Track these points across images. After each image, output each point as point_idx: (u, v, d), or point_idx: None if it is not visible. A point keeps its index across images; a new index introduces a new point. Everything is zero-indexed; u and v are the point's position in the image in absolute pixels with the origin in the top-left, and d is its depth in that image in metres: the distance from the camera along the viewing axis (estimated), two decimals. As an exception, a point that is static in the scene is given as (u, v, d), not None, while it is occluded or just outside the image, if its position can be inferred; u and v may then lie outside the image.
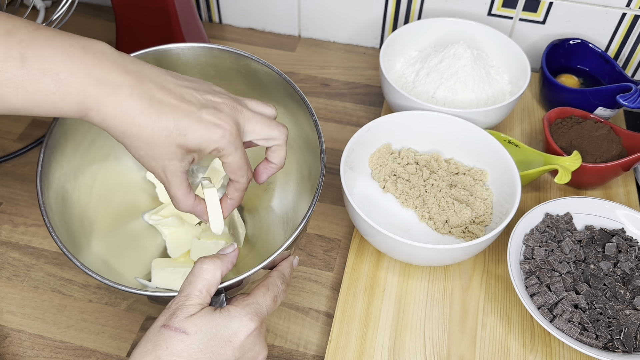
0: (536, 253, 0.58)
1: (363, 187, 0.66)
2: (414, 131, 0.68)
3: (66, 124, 0.52)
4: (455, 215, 0.62)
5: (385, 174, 0.66)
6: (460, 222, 0.62)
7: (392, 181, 0.66)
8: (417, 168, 0.66)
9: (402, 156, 0.67)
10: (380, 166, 0.67)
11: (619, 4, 0.77)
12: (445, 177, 0.66)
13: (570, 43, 0.80)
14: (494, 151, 0.64)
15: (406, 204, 0.64)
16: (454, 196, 0.64)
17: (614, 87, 0.71)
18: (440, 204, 0.63)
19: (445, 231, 0.62)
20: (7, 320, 0.58)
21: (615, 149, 0.68)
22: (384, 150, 0.67)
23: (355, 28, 0.90)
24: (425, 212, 0.63)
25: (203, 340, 0.38)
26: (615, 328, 0.53)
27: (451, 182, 0.66)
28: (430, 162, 0.67)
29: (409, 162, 0.67)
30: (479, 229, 0.62)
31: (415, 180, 0.65)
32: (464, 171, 0.66)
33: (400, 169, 0.66)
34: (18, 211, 0.67)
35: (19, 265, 0.62)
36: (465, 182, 0.65)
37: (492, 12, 0.82)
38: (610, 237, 0.60)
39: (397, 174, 0.66)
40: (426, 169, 0.66)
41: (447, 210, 0.63)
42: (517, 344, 0.56)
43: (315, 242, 0.65)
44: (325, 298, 0.61)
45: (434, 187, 0.65)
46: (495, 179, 0.65)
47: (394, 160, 0.67)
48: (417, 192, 0.64)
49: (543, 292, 0.55)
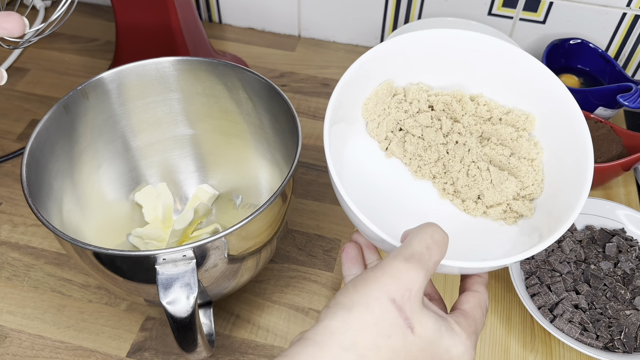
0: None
1: (356, 151, 0.46)
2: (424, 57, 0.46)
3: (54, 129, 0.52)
4: (492, 189, 0.43)
5: (388, 129, 0.45)
6: (501, 198, 0.43)
7: (399, 140, 0.46)
8: (432, 117, 0.46)
9: (409, 98, 0.46)
10: (379, 116, 0.46)
11: (620, 3, 0.77)
12: (474, 127, 0.45)
13: (570, 43, 0.80)
14: (543, 83, 0.43)
15: (420, 174, 0.45)
16: (489, 158, 0.45)
17: (614, 87, 0.71)
18: (470, 171, 0.44)
19: (479, 212, 0.44)
20: (7, 321, 0.58)
21: (615, 149, 0.68)
22: (383, 91, 0.45)
23: (356, 28, 0.90)
24: (449, 184, 0.45)
25: (423, 349, 0.31)
26: (615, 328, 0.53)
27: (482, 134, 0.46)
28: (451, 104, 0.46)
29: (420, 107, 0.46)
30: (527, 206, 0.43)
31: (432, 136, 0.45)
32: (500, 115, 0.46)
33: (409, 120, 0.45)
34: (18, 211, 0.67)
35: (18, 265, 0.62)
36: (504, 133, 0.44)
37: (492, 12, 0.82)
38: (611, 237, 0.60)
39: (405, 128, 0.46)
40: (446, 117, 0.45)
41: (479, 180, 0.44)
42: (517, 344, 0.56)
43: (315, 242, 0.65)
44: (325, 298, 0.60)
45: (460, 145, 0.45)
46: (545, 127, 0.45)
47: (398, 106, 0.46)
48: (436, 155, 0.45)
49: (543, 292, 0.55)
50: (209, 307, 0.55)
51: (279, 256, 0.64)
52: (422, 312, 0.31)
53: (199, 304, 0.54)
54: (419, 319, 0.31)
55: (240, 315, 0.59)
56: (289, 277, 0.62)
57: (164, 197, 0.64)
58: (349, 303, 0.31)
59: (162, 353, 0.55)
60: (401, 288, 0.31)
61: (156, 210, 0.62)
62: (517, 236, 0.43)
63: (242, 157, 0.64)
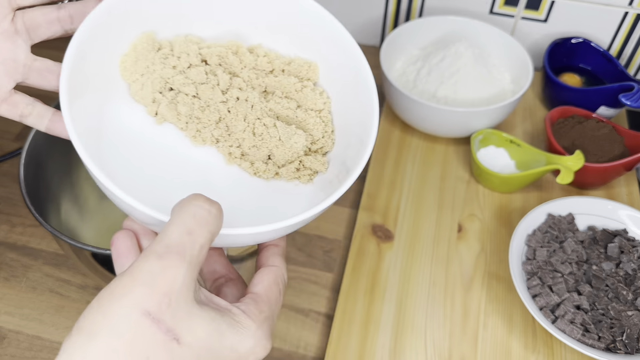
0: (538, 254, 0.58)
1: (119, 121, 0.38)
2: (189, 3, 0.39)
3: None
4: (282, 146, 0.38)
5: (154, 89, 0.38)
6: (292, 155, 0.39)
7: (169, 101, 0.38)
8: (207, 72, 0.39)
9: (177, 52, 0.39)
10: (143, 76, 0.38)
11: (621, 2, 0.76)
12: (256, 81, 0.40)
13: (572, 42, 0.80)
14: (323, 28, 0.39)
15: (200, 139, 0.39)
16: (275, 113, 0.40)
17: (616, 86, 0.70)
18: (256, 129, 0.39)
19: (271, 173, 0.39)
20: (5, 321, 0.58)
21: (617, 149, 0.67)
22: (143, 45, 0.38)
23: (356, 26, 0.90)
24: (235, 147, 0.39)
25: (195, 359, 0.26)
26: (617, 329, 0.53)
27: (265, 88, 0.41)
28: (226, 57, 0.40)
29: (190, 62, 0.39)
30: (320, 161, 0.39)
31: (208, 94, 0.38)
32: (282, 66, 0.41)
33: (179, 77, 0.38)
34: (16, 211, 0.67)
35: (16, 266, 0.62)
36: (287, 85, 0.40)
37: (494, 10, 0.82)
38: (613, 237, 0.60)
39: (176, 87, 0.38)
40: (222, 72, 0.39)
41: (267, 138, 0.38)
42: (519, 346, 0.56)
43: (315, 242, 0.65)
44: (325, 299, 0.60)
45: (241, 101, 0.39)
46: (330, 75, 0.41)
47: (164, 62, 0.38)
48: (216, 115, 0.39)
49: (545, 293, 0.55)
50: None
51: (279, 256, 0.63)
52: (191, 315, 0.26)
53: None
54: (187, 325, 0.26)
55: (239, 316, 0.58)
56: (289, 278, 0.62)
57: None
58: (91, 328, 0.25)
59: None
60: (157, 295, 0.25)
61: None
62: (314, 193, 0.39)
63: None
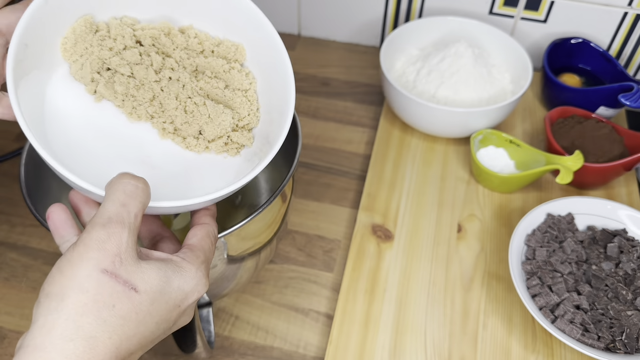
0: (538, 253, 0.58)
1: (62, 100, 0.41)
2: None
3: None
4: (211, 122, 0.43)
5: (93, 69, 0.42)
6: (220, 131, 0.43)
7: (107, 80, 0.42)
8: (141, 53, 0.43)
9: (113, 34, 0.42)
10: (82, 57, 0.41)
11: (621, 3, 0.76)
12: (187, 61, 0.44)
13: (571, 42, 0.80)
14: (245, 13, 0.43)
15: (136, 115, 0.43)
16: (206, 92, 0.44)
17: (616, 86, 0.70)
18: (188, 107, 0.43)
19: (202, 147, 0.44)
20: (5, 322, 0.58)
21: (617, 149, 0.67)
22: (81, 28, 0.41)
23: (356, 26, 0.90)
24: (168, 122, 0.43)
25: (153, 301, 0.31)
26: (617, 329, 0.53)
27: (197, 68, 0.45)
28: (159, 38, 0.43)
29: (126, 44, 0.42)
30: (246, 136, 0.44)
31: (143, 73, 0.42)
32: (212, 47, 0.45)
33: (115, 59, 0.42)
34: (16, 211, 0.67)
35: (16, 266, 0.62)
36: (216, 66, 0.44)
37: (494, 10, 0.82)
38: (612, 237, 0.60)
39: (113, 67, 0.42)
40: (156, 53, 0.43)
41: (198, 116, 0.43)
42: (519, 345, 0.56)
43: (315, 242, 0.65)
44: (325, 299, 0.60)
45: (174, 81, 0.43)
46: (255, 57, 0.45)
47: (102, 44, 0.42)
48: (150, 94, 0.43)
49: (544, 293, 0.55)
50: (209, 308, 0.55)
51: (279, 257, 0.63)
52: (140, 268, 0.31)
53: (199, 305, 0.54)
54: (139, 276, 0.31)
55: (239, 316, 0.58)
56: (289, 277, 0.62)
57: None
58: (59, 291, 0.29)
59: (161, 354, 0.55)
60: (109, 256, 0.30)
61: None
62: (240, 165, 0.44)
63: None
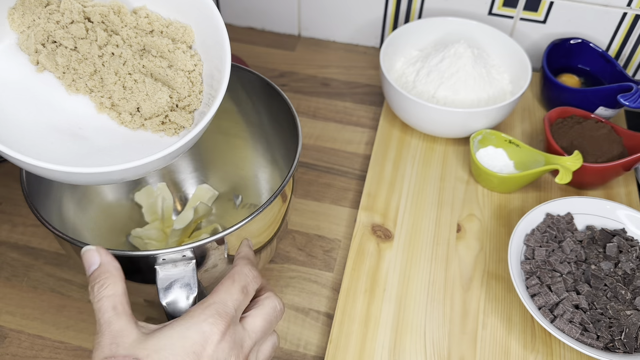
0: (537, 253, 0.58)
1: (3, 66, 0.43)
2: None
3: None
4: (148, 100, 0.43)
5: (37, 41, 0.42)
6: (157, 110, 0.43)
7: (50, 52, 0.43)
8: (88, 28, 0.43)
9: (62, 9, 0.43)
10: (29, 28, 0.43)
11: (620, 3, 0.77)
12: (134, 39, 0.44)
13: (571, 43, 0.80)
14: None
15: (74, 87, 0.43)
16: (148, 70, 0.44)
17: (615, 86, 0.71)
18: (127, 83, 0.43)
19: (137, 124, 0.44)
20: (6, 321, 0.58)
21: (616, 149, 0.68)
22: (31, 0, 0.42)
23: (356, 27, 0.90)
24: (106, 97, 0.43)
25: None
26: (616, 328, 0.53)
27: (144, 47, 0.45)
28: (108, 15, 0.44)
29: (73, 18, 0.43)
30: (185, 117, 0.44)
31: (86, 48, 0.43)
32: (161, 28, 0.45)
33: (60, 32, 0.42)
34: (17, 211, 0.67)
35: (18, 266, 0.62)
36: (160, 45, 0.44)
37: (493, 11, 0.82)
38: (611, 237, 0.60)
39: (57, 40, 0.43)
40: (102, 30, 0.43)
41: (136, 92, 0.43)
42: (518, 345, 0.56)
43: (315, 242, 0.65)
44: (325, 298, 0.60)
45: (115, 57, 0.43)
46: (203, 40, 0.45)
47: (49, 17, 0.43)
48: (91, 68, 0.43)
49: (544, 293, 0.55)
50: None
51: (279, 256, 0.64)
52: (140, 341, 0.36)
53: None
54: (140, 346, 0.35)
55: (240, 316, 0.59)
56: (289, 277, 0.62)
57: (164, 197, 0.64)
58: None
59: (161, 353, 0.55)
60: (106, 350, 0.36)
61: (156, 211, 0.62)
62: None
63: (242, 157, 0.64)
